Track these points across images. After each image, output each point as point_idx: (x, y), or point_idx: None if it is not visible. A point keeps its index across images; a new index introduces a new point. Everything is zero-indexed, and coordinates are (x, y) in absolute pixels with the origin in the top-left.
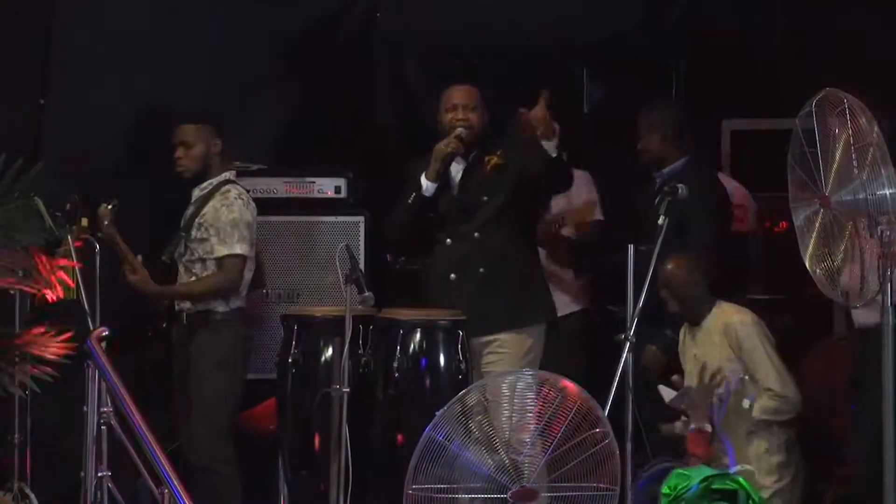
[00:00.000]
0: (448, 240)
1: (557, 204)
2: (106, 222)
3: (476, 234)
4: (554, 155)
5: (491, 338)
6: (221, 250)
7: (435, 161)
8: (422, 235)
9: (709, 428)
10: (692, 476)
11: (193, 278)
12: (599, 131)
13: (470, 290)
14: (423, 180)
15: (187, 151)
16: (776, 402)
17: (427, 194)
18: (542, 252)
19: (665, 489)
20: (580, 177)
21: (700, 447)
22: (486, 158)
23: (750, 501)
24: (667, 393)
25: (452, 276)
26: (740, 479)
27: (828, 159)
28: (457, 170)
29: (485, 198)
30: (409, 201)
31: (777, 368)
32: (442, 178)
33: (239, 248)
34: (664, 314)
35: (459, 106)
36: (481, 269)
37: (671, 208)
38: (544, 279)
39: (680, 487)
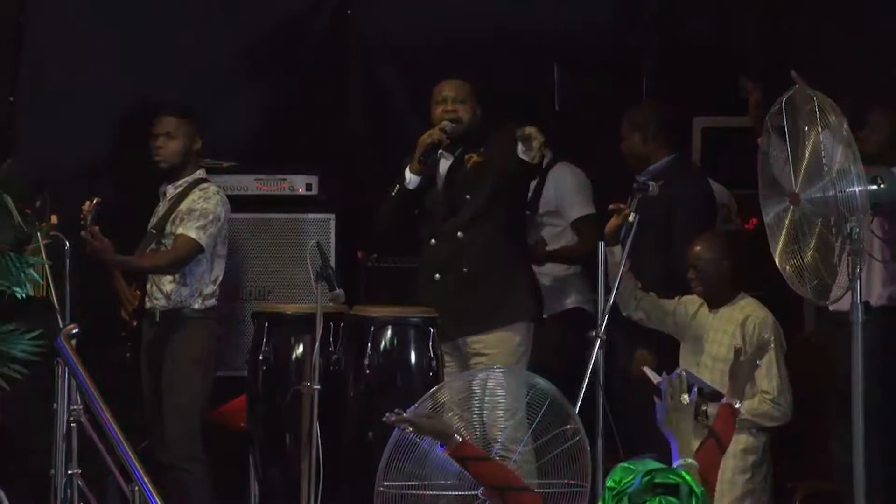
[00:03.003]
0: (433, 240)
1: (547, 202)
2: (90, 219)
3: (459, 234)
4: (533, 160)
5: (476, 338)
6: (179, 230)
7: (417, 152)
8: (406, 231)
9: (739, 406)
10: (636, 470)
11: (168, 275)
12: (570, 128)
13: (454, 289)
14: (407, 173)
15: (168, 143)
16: (769, 406)
17: (410, 187)
18: None
19: (609, 482)
20: (567, 171)
21: (726, 424)
22: (467, 156)
23: (693, 496)
24: (654, 376)
25: (437, 276)
26: (684, 474)
27: (797, 157)
28: (443, 165)
29: (468, 196)
30: (393, 193)
31: (781, 375)
32: (428, 173)
33: (194, 234)
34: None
35: (448, 98)
36: (465, 269)
37: (642, 205)
38: (531, 277)
39: (624, 482)
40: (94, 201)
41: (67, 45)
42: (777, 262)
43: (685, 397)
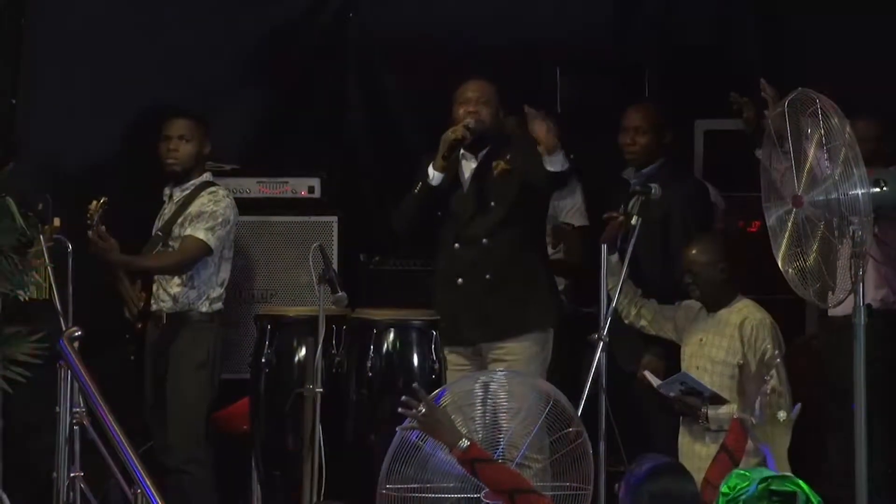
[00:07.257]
0: (456, 244)
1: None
2: (96, 218)
3: (484, 240)
4: (558, 169)
5: (499, 345)
6: (187, 231)
7: (441, 148)
8: (424, 230)
9: (753, 420)
10: (752, 476)
11: (176, 277)
12: (572, 131)
13: (477, 295)
14: (430, 169)
15: (184, 145)
16: None
17: (434, 183)
18: None
19: (724, 489)
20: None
21: (738, 438)
22: (494, 163)
23: None
24: (654, 380)
25: (460, 280)
26: (800, 482)
27: (800, 159)
28: (467, 168)
29: (493, 202)
30: (416, 191)
31: (780, 377)
32: (451, 173)
33: (203, 234)
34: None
35: (471, 99)
36: (488, 276)
37: (645, 208)
38: (551, 284)
39: (739, 488)
40: (101, 200)
41: (69, 47)
42: (780, 265)
43: (782, 414)
